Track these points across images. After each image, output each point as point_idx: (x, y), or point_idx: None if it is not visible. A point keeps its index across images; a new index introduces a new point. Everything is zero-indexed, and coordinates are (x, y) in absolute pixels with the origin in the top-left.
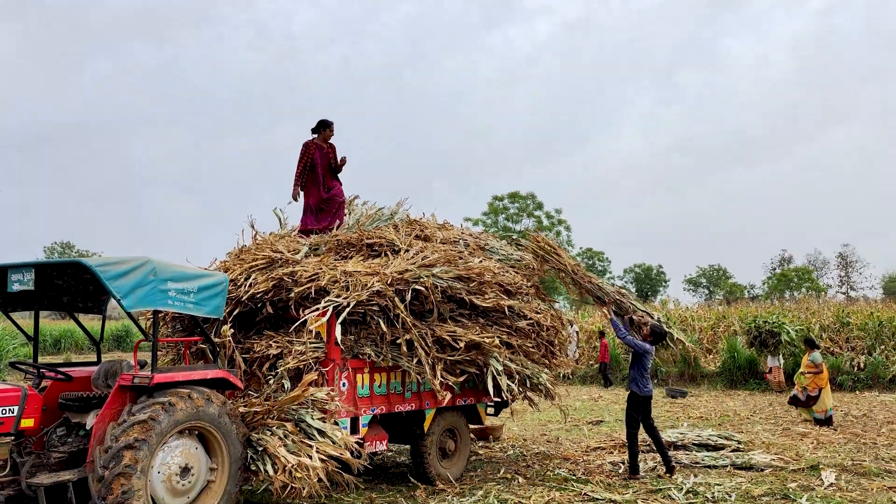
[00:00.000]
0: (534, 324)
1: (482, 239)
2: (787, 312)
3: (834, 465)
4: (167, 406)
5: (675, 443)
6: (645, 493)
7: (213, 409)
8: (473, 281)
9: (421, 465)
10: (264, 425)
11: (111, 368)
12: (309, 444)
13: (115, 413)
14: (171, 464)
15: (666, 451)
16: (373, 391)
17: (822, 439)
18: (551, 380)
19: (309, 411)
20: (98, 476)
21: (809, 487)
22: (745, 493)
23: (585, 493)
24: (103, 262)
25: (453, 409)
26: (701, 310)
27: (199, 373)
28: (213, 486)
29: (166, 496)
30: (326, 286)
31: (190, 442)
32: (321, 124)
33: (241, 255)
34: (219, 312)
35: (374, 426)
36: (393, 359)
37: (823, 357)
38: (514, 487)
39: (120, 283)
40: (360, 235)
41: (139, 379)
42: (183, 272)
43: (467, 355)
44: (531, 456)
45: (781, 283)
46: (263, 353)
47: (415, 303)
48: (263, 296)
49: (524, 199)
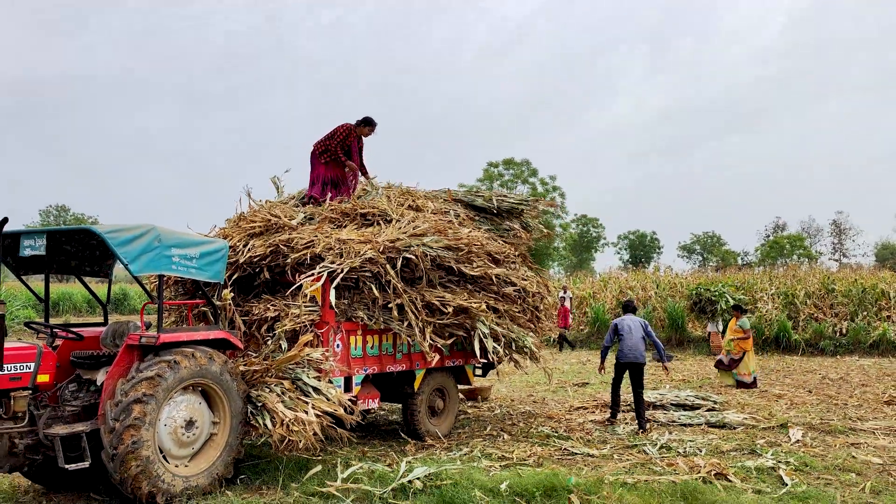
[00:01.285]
0: (520, 290)
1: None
2: (758, 279)
3: (803, 423)
4: (172, 364)
5: (653, 403)
6: (622, 448)
7: (215, 367)
8: (462, 250)
9: (411, 423)
10: (263, 383)
11: (119, 329)
12: (305, 401)
13: (124, 370)
14: (177, 417)
15: (643, 412)
16: (365, 352)
17: (797, 400)
18: (536, 343)
19: (305, 370)
20: (109, 428)
21: (776, 444)
22: (715, 449)
23: (566, 449)
24: (111, 229)
25: (442, 370)
26: (690, 276)
27: (201, 333)
28: (216, 438)
29: (172, 447)
30: (321, 253)
31: (194, 397)
32: (367, 121)
33: (240, 222)
34: (219, 277)
35: (366, 385)
36: (384, 322)
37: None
38: (499, 443)
39: (127, 250)
40: (354, 205)
41: (146, 339)
42: (185, 239)
43: (455, 319)
44: (517, 415)
45: (773, 251)
46: (262, 316)
47: (406, 270)
48: (261, 261)
49: (519, 166)
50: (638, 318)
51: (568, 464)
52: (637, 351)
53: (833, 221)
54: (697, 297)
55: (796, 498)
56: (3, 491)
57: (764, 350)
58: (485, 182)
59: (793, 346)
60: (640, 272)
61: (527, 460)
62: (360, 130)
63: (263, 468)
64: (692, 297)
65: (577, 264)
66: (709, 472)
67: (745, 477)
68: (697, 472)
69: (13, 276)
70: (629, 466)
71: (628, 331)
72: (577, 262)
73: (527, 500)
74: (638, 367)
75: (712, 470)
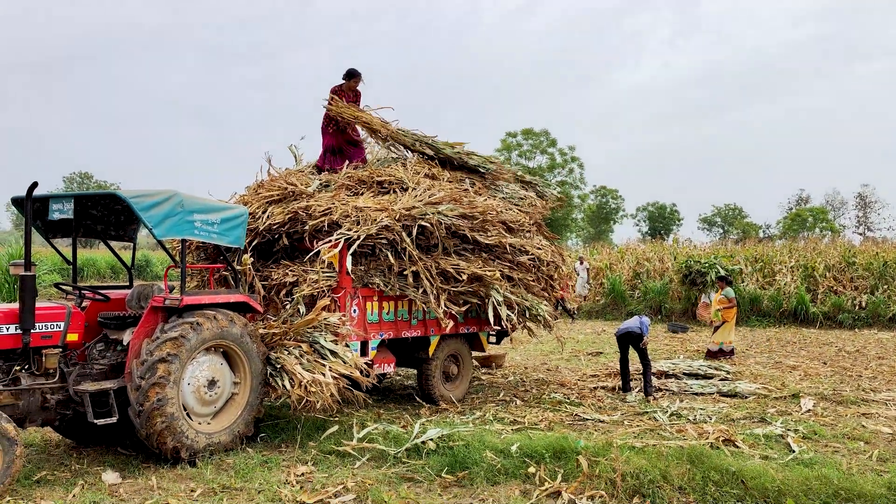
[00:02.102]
0: (534, 259)
1: (488, 178)
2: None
3: (815, 394)
4: (195, 325)
5: (666, 372)
6: (632, 414)
7: (235, 329)
8: (477, 219)
9: (426, 387)
10: (282, 345)
11: (143, 291)
12: (322, 364)
13: (149, 331)
14: (200, 377)
15: (649, 379)
16: (381, 318)
17: (811, 371)
18: (550, 311)
19: (322, 334)
20: (135, 385)
21: (787, 413)
22: (725, 417)
23: (577, 415)
24: (136, 195)
25: (456, 336)
26: (709, 248)
27: (222, 297)
28: (237, 398)
29: (196, 405)
30: (338, 220)
31: (216, 358)
32: (349, 72)
33: (259, 189)
34: (240, 242)
35: (382, 350)
36: (400, 289)
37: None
38: (512, 408)
39: (151, 214)
40: (370, 173)
41: (170, 301)
42: (207, 205)
43: (469, 287)
44: (530, 382)
45: (796, 224)
46: (280, 281)
47: (421, 237)
48: (280, 228)
49: (537, 136)
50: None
51: (578, 429)
52: (628, 326)
53: (858, 194)
54: (688, 269)
55: (803, 464)
56: (36, 444)
57: (781, 322)
58: (503, 152)
59: (811, 319)
60: (658, 244)
61: (538, 425)
62: (347, 86)
63: (282, 427)
64: (682, 270)
65: (594, 235)
66: (717, 438)
67: (753, 444)
68: (706, 438)
69: (41, 240)
70: (638, 432)
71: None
72: (596, 234)
73: (536, 462)
74: (633, 338)
75: (721, 436)
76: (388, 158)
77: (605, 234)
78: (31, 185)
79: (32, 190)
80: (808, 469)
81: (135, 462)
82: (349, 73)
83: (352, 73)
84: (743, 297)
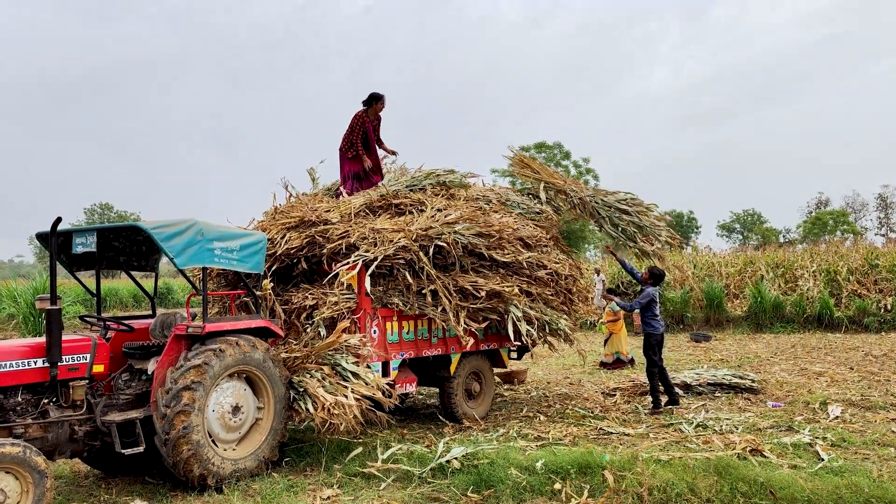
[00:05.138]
0: (552, 273)
1: (502, 195)
2: (814, 255)
3: (843, 400)
4: (218, 352)
5: (689, 384)
6: (657, 427)
7: (258, 354)
8: (493, 237)
9: (448, 406)
10: (304, 369)
11: (166, 320)
12: (345, 385)
13: (173, 359)
14: (224, 403)
15: (672, 387)
16: (401, 337)
17: (837, 377)
18: (570, 325)
19: (343, 356)
20: (161, 414)
21: (814, 420)
22: (752, 426)
23: (601, 428)
24: (157, 225)
25: (477, 354)
26: (729, 255)
27: (244, 322)
28: (261, 423)
29: (221, 432)
30: (356, 242)
31: (239, 384)
32: (373, 97)
33: (277, 214)
34: (259, 268)
35: (403, 369)
36: (419, 307)
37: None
38: (535, 424)
39: (172, 244)
40: (386, 196)
41: (192, 328)
42: (226, 232)
43: (488, 303)
44: (553, 397)
45: (816, 227)
46: (300, 304)
47: (438, 256)
48: (298, 252)
49: (551, 149)
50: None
51: (603, 443)
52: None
53: (878, 195)
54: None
55: (833, 472)
56: (65, 475)
57: (805, 328)
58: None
59: (835, 324)
60: (677, 252)
61: (562, 440)
62: (372, 111)
63: (307, 451)
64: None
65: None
66: (744, 448)
67: (781, 452)
68: (733, 449)
69: (64, 271)
70: (664, 444)
71: (657, 304)
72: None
73: (562, 478)
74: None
75: (748, 446)
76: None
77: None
78: (56, 220)
79: (56, 225)
80: (839, 477)
81: (163, 491)
82: (373, 97)
83: (376, 97)
84: (765, 303)
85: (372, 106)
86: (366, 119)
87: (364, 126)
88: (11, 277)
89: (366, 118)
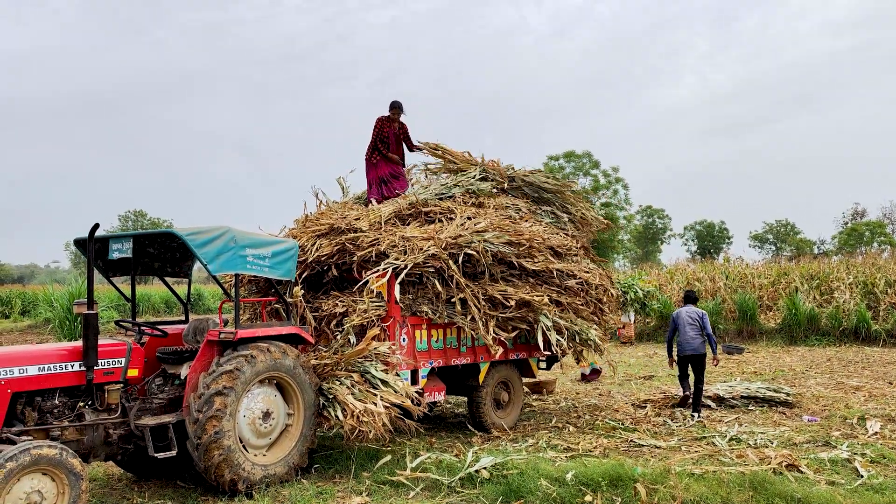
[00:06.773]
0: (582, 283)
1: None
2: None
3: (881, 415)
4: (249, 358)
5: (722, 396)
6: (689, 440)
7: (288, 361)
8: (523, 245)
9: (477, 415)
10: (333, 376)
11: (199, 326)
12: (374, 393)
13: (206, 364)
14: (255, 408)
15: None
16: (430, 346)
17: (875, 392)
18: (600, 335)
19: (373, 363)
20: (193, 419)
21: (852, 436)
22: (787, 441)
23: (632, 440)
24: (191, 232)
25: (506, 363)
26: (761, 266)
27: (275, 329)
28: (291, 429)
29: (251, 437)
30: (386, 250)
31: (269, 390)
32: (391, 104)
33: (307, 223)
34: (290, 275)
35: (432, 378)
36: (448, 316)
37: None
38: (565, 435)
39: (206, 251)
40: (416, 204)
41: (225, 334)
42: (258, 239)
43: (518, 312)
44: (582, 407)
45: (852, 238)
46: (331, 312)
47: (467, 265)
48: (329, 260)
49: (580, 158)
50: (696, 310)
51: (634, 455)
52: (693, 344)
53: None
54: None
55: (872, 490)
56: (99, 478)
57: (841, 341)
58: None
59: (873, 337)
60: (709, 263)
61: (592, 451)
62: (392, 116)
63: (336, 458)
64: None
65: (642, 256)
66: (780, 463)
67: (818, 468)
68: (768, 464)
69: (99, 277)
70: (697, 458)
71: (683, 324)
72: (643, 255)
73: (592, 490)
74: (697, 359)
75: (783, 461)
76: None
77: (654, 255)
78: (93, 226)
79: (94, 231)
80: (878, 495)
81: (194, 495)
82: (392, 104)
83: (394, 104)
84: (799, 315)
85: (393, 111)
86: (384, 124)
87: (383, 130)
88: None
89: (385, 123)
